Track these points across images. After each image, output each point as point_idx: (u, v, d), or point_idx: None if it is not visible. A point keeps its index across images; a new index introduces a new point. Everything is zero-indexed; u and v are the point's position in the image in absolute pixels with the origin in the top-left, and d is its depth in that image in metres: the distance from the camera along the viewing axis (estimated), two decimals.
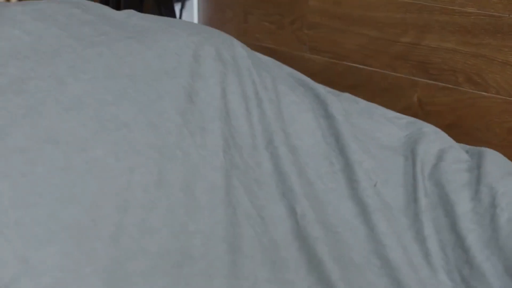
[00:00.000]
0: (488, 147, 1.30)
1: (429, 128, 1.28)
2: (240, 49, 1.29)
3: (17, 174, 0.95)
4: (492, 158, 1.18)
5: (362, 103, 1.34)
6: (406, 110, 1.47)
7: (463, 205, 1.12)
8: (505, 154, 1.26)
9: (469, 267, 1.07)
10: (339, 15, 1.58)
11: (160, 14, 1.79)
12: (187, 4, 1.90)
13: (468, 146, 1.27)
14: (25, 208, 0.93)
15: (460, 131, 1.44)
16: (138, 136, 1.07)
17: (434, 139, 1.24)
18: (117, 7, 1.86)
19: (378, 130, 1.26)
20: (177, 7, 1.87)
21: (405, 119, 1.31)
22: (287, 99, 1.26)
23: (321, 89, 1.31)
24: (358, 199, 1.16)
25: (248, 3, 1.73)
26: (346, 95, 1.35)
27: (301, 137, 1.22)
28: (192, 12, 1.91)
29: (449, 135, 1.31)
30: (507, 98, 1.38)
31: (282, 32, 1.68)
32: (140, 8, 1.86)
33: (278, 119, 1.22)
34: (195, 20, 1.89)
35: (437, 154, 1.21)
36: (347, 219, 1.15)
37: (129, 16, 1.28)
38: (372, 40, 1.54)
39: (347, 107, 1.29)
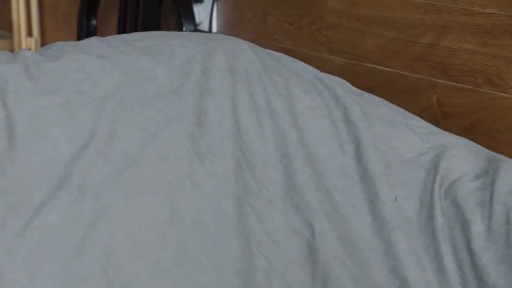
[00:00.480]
0: (507, 149, 1.30)
1: (451, 141, 1.25)
2: (249, 54, 1.25)
3: (30, 228, 0.96)
4: (507, 172, 1.16)
5: (383, 106, 1.30)
6: (425, 111, 1.47)
7: (478, 224, 1.11)
8: None
9: (485, 285, 1.06)
10: (357, 16, 1.58)
11: (179, 15, 1.80)
12: (205, 6, 1.90)
13: (486, 151, 1.25)
14: (37, 264, 0.94)
15: (480, 132, 1.43)
16: (148, 172, 1.06)
17: (455, 155, 1.20)
18: (136, 7, 1.88)
19: (399, 139, 1.23)
20: (196, 8, 1.87)
21: (426, 128, 1.27)
22: (301, 104, 1.23)
23: (340, 90, 1.28)
24: (377, 214, 1.14)
25: (267, 4, 1.73)
26: (367, 95, 1.32)
27: (316, 146, 1.20)
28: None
29: (469, 136, 1.30)
30: None
31: (300, 33, 1.68)
32: (159, 10, 1.87)
33: (292, 129, 1.19)
34: (214, 22, 1.90)
35: (456, 171, 1.19)
36: (365, 235, 1.13)
37: (134, 34, 1.27)
38: (391, 41, 1.53)
39: (367, 110, 1.26)
